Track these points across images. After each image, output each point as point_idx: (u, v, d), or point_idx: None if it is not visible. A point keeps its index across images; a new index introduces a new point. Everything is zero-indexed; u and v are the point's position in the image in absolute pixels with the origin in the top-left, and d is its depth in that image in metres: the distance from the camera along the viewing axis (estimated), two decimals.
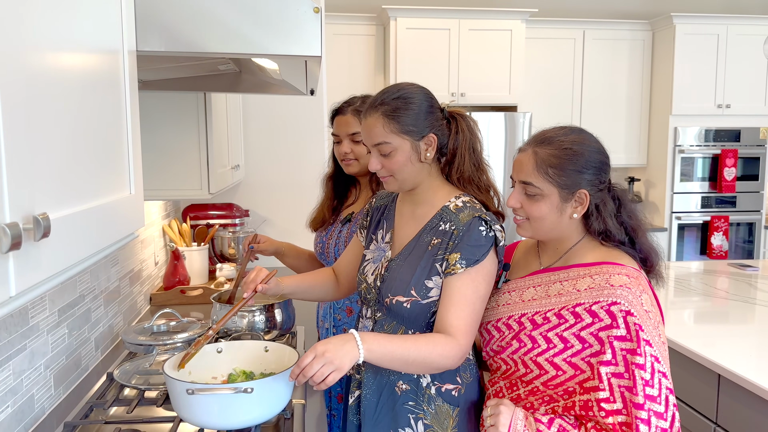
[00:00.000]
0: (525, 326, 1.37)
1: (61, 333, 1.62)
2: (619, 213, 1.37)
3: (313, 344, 1.27)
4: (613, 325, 1.24)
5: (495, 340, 1.43)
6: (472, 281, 1.38)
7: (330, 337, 1.29)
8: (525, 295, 1.41)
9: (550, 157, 1.32)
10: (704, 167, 5.00)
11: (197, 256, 2.86)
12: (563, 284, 1.36)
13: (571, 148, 1.32)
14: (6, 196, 0.62)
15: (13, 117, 0.64)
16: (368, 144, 1.45)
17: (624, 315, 1.24)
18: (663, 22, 4.90)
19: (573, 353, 1.28)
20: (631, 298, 1.25)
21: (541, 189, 1.33)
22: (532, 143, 1.37)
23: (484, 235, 1.39)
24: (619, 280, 1.28)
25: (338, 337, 1.29)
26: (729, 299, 2.72)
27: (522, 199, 1.37)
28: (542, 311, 1.35)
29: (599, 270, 1.32)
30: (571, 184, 1.32)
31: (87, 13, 0.88)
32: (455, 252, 1.39)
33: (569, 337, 1.29)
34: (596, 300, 1.28)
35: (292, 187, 3.39)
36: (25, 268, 0.66)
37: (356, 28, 4.73)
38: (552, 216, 1.34)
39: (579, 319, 1.29)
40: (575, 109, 5.04)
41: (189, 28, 1.14)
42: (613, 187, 1.39)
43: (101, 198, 0.92)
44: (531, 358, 1.34)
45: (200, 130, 2.01)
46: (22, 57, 0.67)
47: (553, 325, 1.32)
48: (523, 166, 1.36)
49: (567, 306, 1.32)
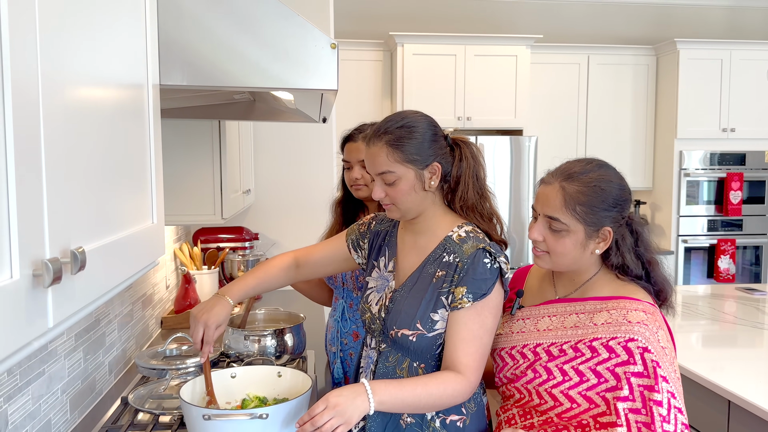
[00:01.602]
0: (540, 357, 1.37)
1: (77, 358, 1.64)
2: (636, 246, 1.37)
3: (326, 394, 1.27)
4: (630, 361, 1.25)
5: (509, 367, 1.43)
6: (479, 315, 1.38)
7: (343, 388, 1.29)
8: (540, 324, 1.42)
9: (579, 194, 1.32)
10: (710, 190, 5.02)
11: (208, 280, 2.89)
12: (579, 316, 1.36)
13: (599, 185, 1.32)
14: (47, 232, 0.65)
15: (53, 152, 0.67)
16: (372, 173, 1.45)
17: (641, 352, 1.25)
18: (667, 47, 4.96)
19: (588, 387, 1.29)
20: (648, 335, 1.26)
21: (567, 225, 1.32)
22: (558, 177, 1.36)
23: (489, 268, 1.39)
24: (636, 316, 1.29)
25: (350, 388, 1.28)
26: (737, 324, 2.72)
27: (545, 233, 1.36)
28: (558, 343, 1.36)
29: (616, 305, 1.33)
30: (597, 222, 1.32)
31: (116, 50, 0.92)
32: (461, 285, 1.38)
33: (585, 371, 1.30)
34: (613, 336, 1.29)
35: (301, 211, 3.42)
36: (62, 299, 0.69)
37: (364, 53, 4.81)
38: (575, 251, 1.35)
39: (595, 353, 1.29)
40: (580, 132, 5.09)
41: (210, 63, 1.18)
42: (632, 219, 1.39)
43: (128, 228, 0.95)
44: (546, 389, 1.34)
45: (214, 157, 2.05)
46: (60, 93, 0.71)
47: (570, 358, 1.33)
48: (549, 200, 1.35)
49: (583, 339, 1.32)
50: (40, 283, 0.62)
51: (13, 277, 0.58)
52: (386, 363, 1.47)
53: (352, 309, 2.10)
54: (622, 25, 5.37)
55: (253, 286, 1.59)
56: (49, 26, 0.67)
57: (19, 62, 0.59)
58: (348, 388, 1.28)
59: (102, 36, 0.85)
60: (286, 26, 1.19)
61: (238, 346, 1.99)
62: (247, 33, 1.19)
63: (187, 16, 1.16)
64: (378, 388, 1.29)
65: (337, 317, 2.13)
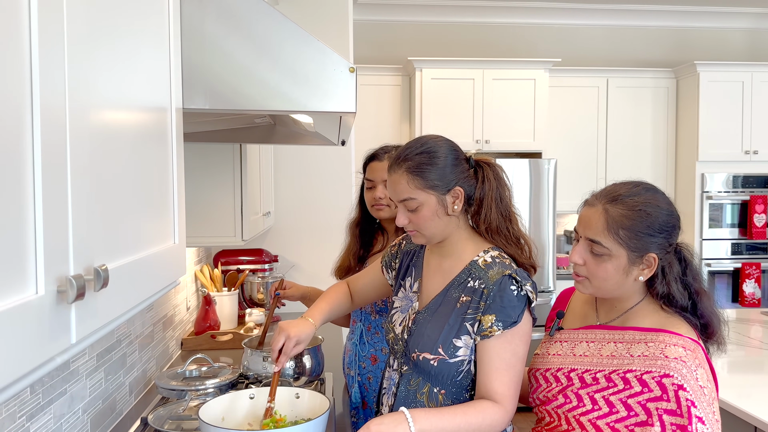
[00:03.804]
0: (573, 382, 1.34)
1: (98, 377, 1.66)
2: (684, 275, 1.31)
3: (367, 422, 1.27)
4: (663, 398, 1.21)
5: (542, 389, 1.41)
6: (509, 343, 1.36)
7: (384, 416, 1.29)
8: (577, 349, 1.38)
9: (622, 217, 1.27)
10: (733, 213, 4.95)
11: (227, 302, 2.90)
12: (617, 346, 1.32)
13: (645, 209, 1.27)
14: (71, 249, 0.67)
15: (78, 173, 0.69)
16: (394, 199, 1.45)
17: (676, 389, 1.20)
18: (687, 70, 4.94)
19: (617, 419, 1.25)
20: (686, 372, 1.21)
21: (609, 250, 1.27)
22: (602, 199, 1.32)
23: (516, 295, 1.37)
24: (675, 351, 1.24)
25: (391, 417, 1.28)
26: (763, 349, 2.66)
27: (587, 257, 1.31)
28: (592, 370, 1.32)
29: (655, 338, 1.28)
30: (641, 247, 1.27)
31: (141, 74, 0.95)
32: (489, 314, 1.36)
33: (615, 402, 1.26)
34: (648, 369, 1.24)
35: (320, 233, 3.44)
36: (85, 316, 0.70)
37: (383, 78, 4.86)
38: (617, 277, 1.29)
39: (628, 385, 1.26)
40: (600, 155, 5.06)
41: (232, 87, 1.21)
42: (680, 247, 1.33)
43: (150, 248, 0.97)
44: (575, 416, 1.31)
45: (235, 180, 2.09)
46: (87, 116, 0.73)
47: (601, 387, 1.29)
48: (591, 222, 1.30)
49: (618, 370, 1.28)
50: (64, 299, 0.64)
51: (38, 293, 0.60)
52: (408, 386, 1.46)
53: (371, 332, 2.09)
54: (641, 48, 5.37)
55: (328, 311, 1.64)
56: (77, 51, 0.69)
57: (47, 86, 0.62)
58: (389, 417, 1.28)
59: (127, 60, 0.87)
60: (306, 51, 1.22)
61: (256, 368, 1.99)
62: (267, 58, 1.22)
63: (209, 42, 1.19)
64: (418, 416, 1.28)
65: (355, 340, 2.13)
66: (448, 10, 5.14)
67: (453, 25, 5.20)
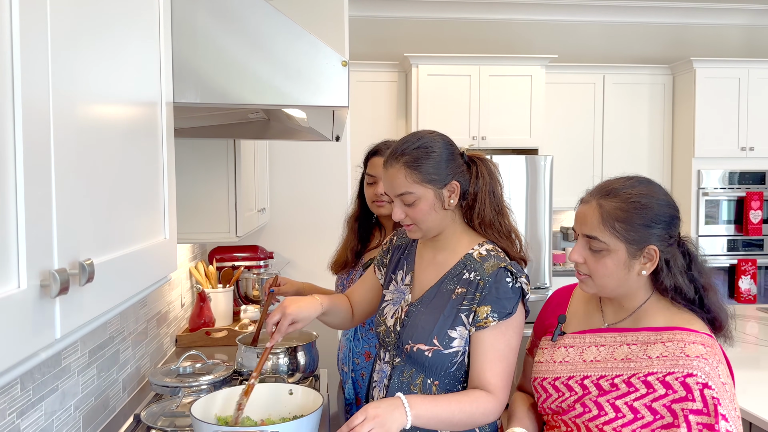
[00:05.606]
0: (590, 391, 1.29)
1: (91, 374, 1.65)
2: (689, 270, 1.28)
3: (364, 406, 1.28)
4: (688, 398, 1.18)
5: (553, 399, 1.35)
6: (503, 335, 1.38)
7: (380, 401, 1.30)
8: (586, 355, 1.33)
9: (617, 210, 1.25)
10: (729, 210, 4.95)
11: (222, 298, 2.90)
12: (631, 348, 1.28)
13: (639, 201, 1.25)
14: (55, 243, 0.66)
15: (63, 167, 0.68)
16: (391, 194, 1.46)
17: (701, 388, 1.17)
18: (683, 67, 4.94)
19: (643, 425, 1.21)
20: (708, 370, 1.19)
21: (607, 244, 1.25)
22: (596, 195, 1.30)
23: (511, 287, 1.39)
24: (695, 350, 1.21)
25: (388, 401, 1.29)
26: (759, 345, 2.66)
27: (586, 254, 1.29)
28: (608, 376, 1.27)
29: (672, 336, 1.25)
30: (640, 240, 1.24)
31: (129, 68, 0.94)
32: (484, 305, 1.38)
33: (640, 408, 1.22)
34: (671, 371, 1.21)
35: (316, 230, 3.43)
36: (70, 311, 0.69)
37: (379, 75, 4.85)
38: (618, 273, 1.27)
39: (651, 389, 1.22)
40: (597, 152, 5.06)
41: (223, 81, 1.20)
42: (684, 241, 1.31)
43: (139, 243, 0.96)
44: (597, 425, 1.26)
45: (229, 176, 2.07)
46: (73, 110, 0.72)
47: (622, 393, 1.25)
48: (587, 218, 1.29)
49: (637, 374, 1.24)
50: (47, 294, 0.63)
51: (20, 287, 0.59)
52: (401, 378, 1.47)
53: (365, 329, 2.09)
54: (638, 44, 5.36)
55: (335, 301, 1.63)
56: (61, 44, 0.68)
57: (29, 78, 0.61)
58: (385, 401, 1.29)
59: (115, 54, 0.86)
60: (298, 44, 1.21)
61: (251, 364, 1.99)
62: (259, 51, 1.21)
63: (200, 35, 1.18)
64: (414, 402, 1.30)
65: (349, 336, 2.12)
66: (445, 7, 5.12)
67: (449, 21, 5.19)
